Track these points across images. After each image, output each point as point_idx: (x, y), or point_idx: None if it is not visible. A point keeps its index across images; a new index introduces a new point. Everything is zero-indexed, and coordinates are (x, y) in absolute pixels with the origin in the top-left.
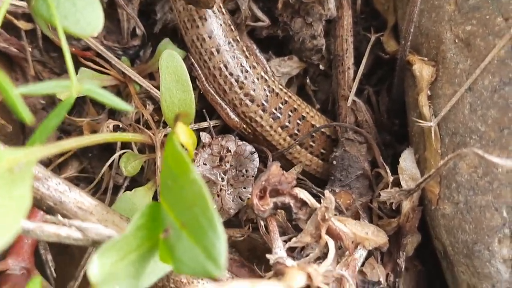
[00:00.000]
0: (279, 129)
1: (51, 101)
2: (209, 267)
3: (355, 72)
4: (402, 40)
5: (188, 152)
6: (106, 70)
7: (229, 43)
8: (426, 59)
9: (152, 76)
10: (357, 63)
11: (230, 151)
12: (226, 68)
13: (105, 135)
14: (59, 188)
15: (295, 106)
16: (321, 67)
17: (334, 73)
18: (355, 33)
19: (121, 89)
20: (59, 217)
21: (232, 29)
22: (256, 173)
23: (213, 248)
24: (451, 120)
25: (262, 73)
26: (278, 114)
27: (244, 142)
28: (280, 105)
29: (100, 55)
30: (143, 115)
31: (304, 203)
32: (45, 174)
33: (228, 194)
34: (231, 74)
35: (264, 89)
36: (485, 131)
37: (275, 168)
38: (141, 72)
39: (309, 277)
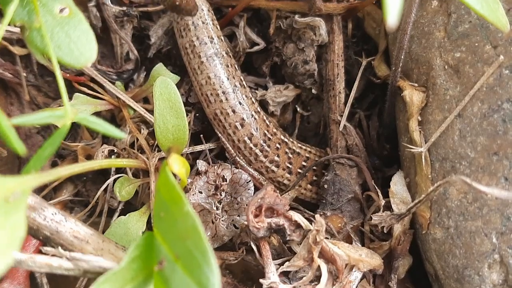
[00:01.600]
0: (309, 186)
1: (46, 126)
2: None
3: (347, 96)
4: (393, 66)
5: (181, 181)
6: (100, 95)
7: (252, 115)
8: (416, 84)
9: (146, 100)
10: (348, 87)
11: (225, 180)
12: (250, 140)
13: (99, 162)
14: (55, 218)
15: (317, 159)
16: (313, 91)
17: (326, 97)
18: (346, 57)
19: (115, 113)
20: (60, 249)
21: (253, 102)
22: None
23: (208, 281)
24: (441, 145)
25: (282, 137)
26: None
27: (239, 170)
28: (304, 163)
29: (94, 79)
30: (137, 139)
31: (298, 226)
32: (41, 204)
33: (222, 221)
34: (255, 145)
35: (286, 152)
36: (475, 157)
37: (270, 188)
38: (135, 96)
39: None
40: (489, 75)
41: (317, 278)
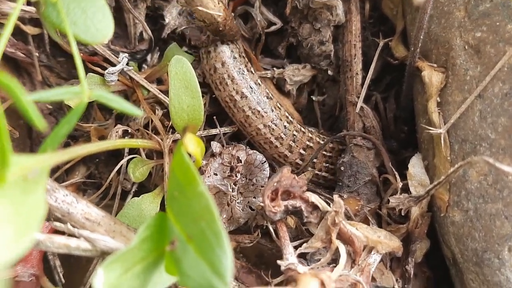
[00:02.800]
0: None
1: (58, 106)
2: (215, 282)
3: (363, 78)
4: (412, 46)
5: (196, 161)
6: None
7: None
8: (435, 65)
9: (160, 81)
10: (365, 69)
11: (240, 161)
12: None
13: (114, 142)
14: (66, 200)
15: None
16: (329, 72)
17: (342, 78)
18: (363, 38)
19: (128, 95)
20: (69, 225)
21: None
22: (265, 181)
23: (220, 263)
24: (461, 127)
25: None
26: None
27: (254, 151)
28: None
29: (108, 60)
30: (151, 120)
31: (315, 207)
32: (52, 186)
33: (238, 203)
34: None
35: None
36: (495, 139)
37: (286, 171)
38: (149, 77)
39: (322, 283)
40: (510, 55)
41: (335, 261)
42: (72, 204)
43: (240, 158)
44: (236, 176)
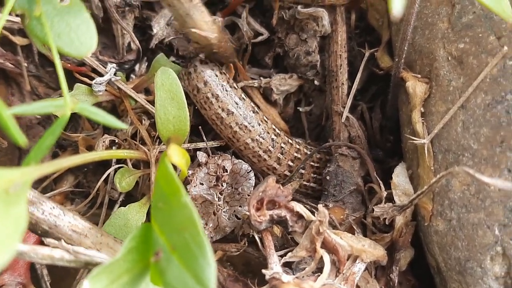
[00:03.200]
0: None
1: (47, 116)
2: None
3: (349, 88)
4: (396, 57)
5: (181, 172)
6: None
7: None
8: (419, 76)
9: (148, 91)
10: (351, 78)
11: (226, 170)
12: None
13: (100, 153)
14: (53, 212)
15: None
16: (316, 82)
17: (328, 88)
18: (349, 49)
19: (116, 104)
20: (63, 242)
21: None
22: (251, 191)
23: (203, 274)
24: (444, 137)
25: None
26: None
27: (240, 160)
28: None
29: (95, 70)
30: (139, 130)
31: (300, 217)
32: (39, 199)
33: (224, 212)
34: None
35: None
36: (478, 149)
37: (271, 181)
38: (136, 87)
39: None
40: (493, 66)
41: (320, 270)
42: (59, 217)
43: (226, 168)
44: (222, 186)
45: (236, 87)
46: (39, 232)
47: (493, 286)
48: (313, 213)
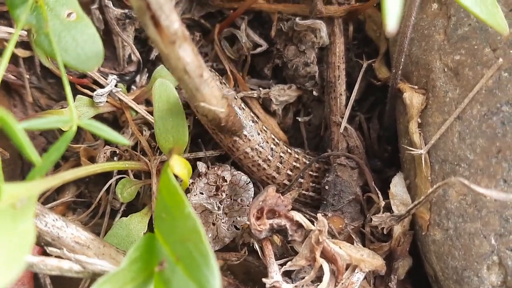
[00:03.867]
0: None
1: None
2: None
3: (347, 99)
4: (393, 68)
5: (183, 182)
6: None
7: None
8: (416, 87)
9: (148, 102)
10: (349, 89)
11: (226, 181)
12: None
13: (102, 165)
14: (56, 224)
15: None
16: (314, 93)
17: (327, 99)
18: (347, 60)
19: (117, 115)
20: (64, 250)
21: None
22: (250, 201)
23: (208, 283)
24: (441, 148)
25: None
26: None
27: (239, 172)
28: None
29: (97, 81)
30: (140, 141)
31: (299, 226)
32: (42, 211)
33: (223, 223)
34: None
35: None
36: (474, 160)
37: (271, 190)
38: (137, 98)
39: None
40: (488, 78)
41: (319, 279)
42: (62, 229)
43: (225, 178)
44: (222, 195)
45: (236, 97)
46: (42, 244)
47: None
48: (312, 222)
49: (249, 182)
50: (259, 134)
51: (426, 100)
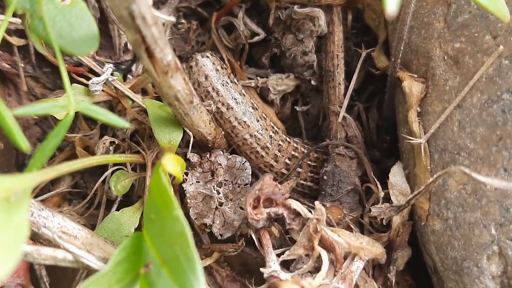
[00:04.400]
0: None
1: (44, 117)
2: None
3: (346, 88)
4: (392, 57)
5: (176, 177)
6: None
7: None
8: (415, 75)
9: (145, 91)
10: (348, 79)
11: (221, 164)
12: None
13: (97, 158)
14: (42, 214)
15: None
16: (312, 82)
17: (325, 88)
18: (346, 49)
19: (113, 105)
20: (55, 236)
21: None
22: (250, 180)
23: None
24: (440, 137)
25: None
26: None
27: (233, 155)
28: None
29: (93, 70)
30: (137, 131)
31: (297, 214)
32: None
33: (229, 208)
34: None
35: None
36: (474, 149)
37: (268, 178)
38: (133, 87)
39: None
40: (488, 66)
41: (318, 269)
42: (48, 218)
43: (220, 162)
44: (218, 178)
45: (237, 82)
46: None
47: (490, 286)
48: (310, 212)
49: (245, 161)
50: (258, 121)
51: (426, 88)
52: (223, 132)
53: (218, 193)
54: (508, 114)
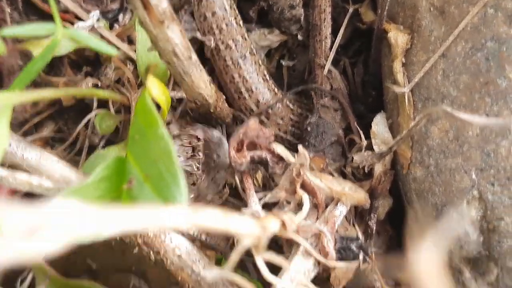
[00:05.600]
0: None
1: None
2: None
3: (332, 42)
4: (379, 9)
5: (162, 111)
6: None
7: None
8: (402, 27)
9: (131, 41)
10: (334, 34)
11: (199, 139)
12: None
13: (81, 89)
14: (20, 146)
15: None
16: (299, 37)
17: (312, 42)
18: (333, 4)
19: (99, 53)
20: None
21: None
22: (226, 156)
23: (174, 200)
24: (424, 86)
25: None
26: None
27: (210, 127)
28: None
29: (79, 18)
30: (122, 78)
31: (280, 158)
32: None
33: (202, 181)
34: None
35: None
36: (457, 96)
37: (253, 122)
38: (119, 35)
39: (283, 224)
40: (474, 15)
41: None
42: (26, 150)
43: (199, 137)
44: (199, 155)
45: (241, 25)
46: (7, 165)
47: (469, 230)
48: (294, 157)
49: (222, 136)
50: (251, 65)
51: (411, 40)
52: (224, 96)
53: (198, 169)
54: (491, 61)
